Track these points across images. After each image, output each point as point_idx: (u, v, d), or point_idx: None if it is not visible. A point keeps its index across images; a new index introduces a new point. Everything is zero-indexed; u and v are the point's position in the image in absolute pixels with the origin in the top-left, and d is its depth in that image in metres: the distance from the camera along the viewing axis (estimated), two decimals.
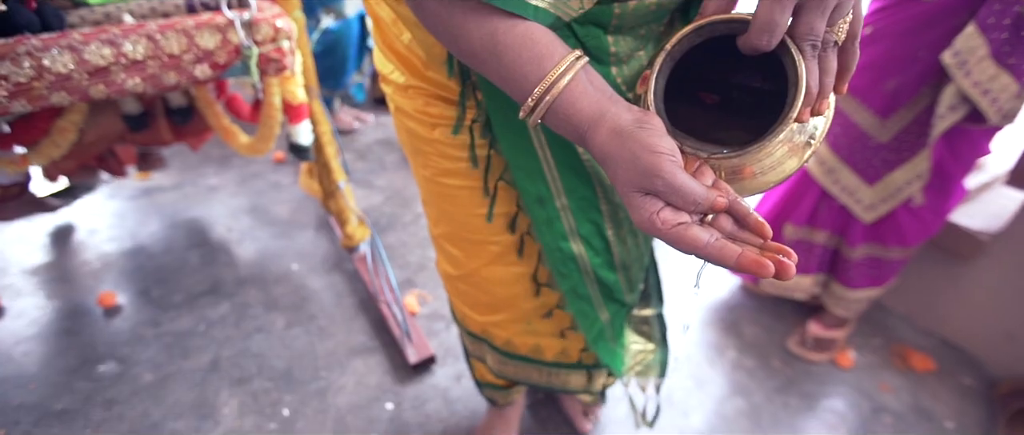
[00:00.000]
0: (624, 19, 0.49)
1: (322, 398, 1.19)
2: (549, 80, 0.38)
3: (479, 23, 0.40)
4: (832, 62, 0.38)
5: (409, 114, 0.63)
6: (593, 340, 0.78)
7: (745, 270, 0.34)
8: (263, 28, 1.09)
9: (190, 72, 1.05)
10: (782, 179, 0.41)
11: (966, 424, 1.17)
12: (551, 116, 0.40)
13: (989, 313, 1.28)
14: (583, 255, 0.69)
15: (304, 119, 1.33)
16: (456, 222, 0.71)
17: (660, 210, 0.36)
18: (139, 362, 1.27)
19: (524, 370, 0.87)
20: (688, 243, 0.35)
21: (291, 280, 1.53)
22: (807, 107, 0.37)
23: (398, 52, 0.60)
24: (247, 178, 2.04)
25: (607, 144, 0.37)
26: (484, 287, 0.77)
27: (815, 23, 0.35)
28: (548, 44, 0.39)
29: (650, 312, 0.90)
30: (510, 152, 0.61)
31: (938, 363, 1.31)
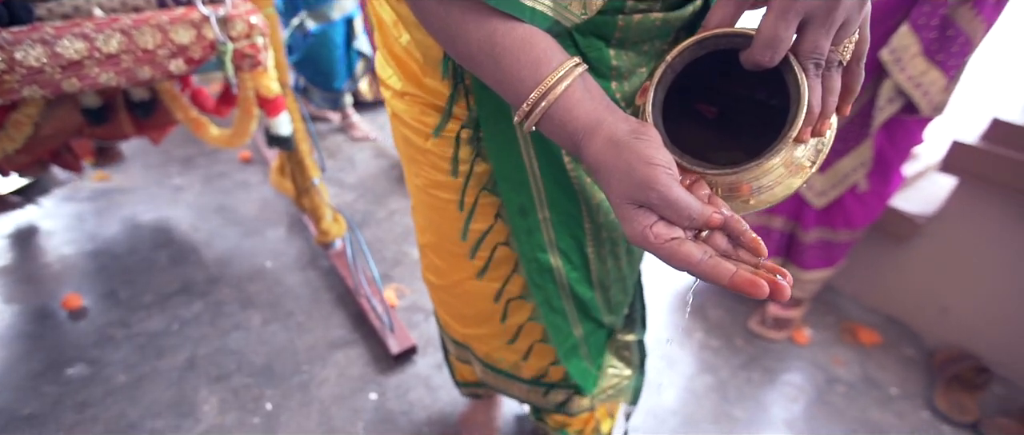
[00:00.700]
0: (628, 33, 0.48)
1: (305, 391, 1.20)
2: (546, 85, 0.38)
3: (478, 24, 0.39)
4: (836, 82, 0.37)
5: (405, 122, 0.63)
6: (564, 355, 0.77)
7: (738, 289, 0.33)
8: (238, 24, 1.09)
9: (165, 67, 1.04)
10: (780, 199, 0.40)
11: (909, 390, 1.28)
12: (546, 122, 0.40)
13: (926, 290, 1.40)
14: (560, 268, 0.68)
15: (282, 111, 1.33)
16: (441, 234, 0.72)
17: (653, 224, 0.35)
18: (110, 363, 1.25)
19: (504, 382, 0.88)
20: (681, 259, 0.34)
21: (265, 278, 1.53)
22: (808, 127, 0.36)
23: (397, 55, 0.60)
24: (213, 177, 2.00)
25: (602, 153, 0.37)
26: (465, 300, 0.78)
27: (820, 41, 0.34)
28: (546, 49, 0.39)
29: (632, 337, 0.89)
30: (496, 160, 0.60)
31: (883, 337, 1.42)
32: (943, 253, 1.35)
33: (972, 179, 1.24)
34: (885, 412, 1.23)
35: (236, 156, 2.13)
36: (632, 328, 0.88)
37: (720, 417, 1.20)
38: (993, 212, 1.24)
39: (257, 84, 1.25)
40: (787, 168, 0.39)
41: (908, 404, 1.25)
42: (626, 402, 0.93)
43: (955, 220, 1.32)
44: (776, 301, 0.33)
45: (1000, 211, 1.22)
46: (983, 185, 1.23)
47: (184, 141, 2.21)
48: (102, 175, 1.97)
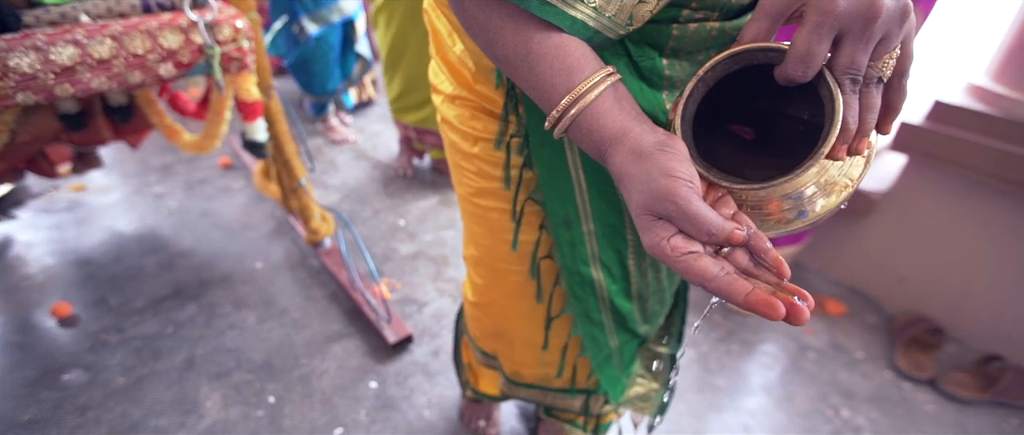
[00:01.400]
0: (682, 42, 0.47)
1: (306, 383, 1.23)
2: (576, 93, 0.38)
3: (515, 29, 0.40)
4: (875, 99, 0.35)
5: (453, 126, 0.63)
6: (598, 365, 0.78)
7: (753, 309, 0.32)
8: (224, 29, 1.12)
9: (155, 71, 1.06)
10: (816, 218, 0.39)
11: (872, 353, 1.39)
12: (574, 130, 0.40)
13: (884, 261, 1.51)
14: (601, 281, 0.68)
15: (259, 117, 1.36)
16: (483, 246, 0.71)
17: (672, 236, 0.35)
18: (107, 367, 1.26)
19: (529, 393, 0.90)
20: (696, 274, 0.34)
21: (257, 279, 1.55)
22: (843, 144, 0.35)
23: (450, 63, 0.60)
24: (194, 184, 2.00)
25: (625, 163, 0.37)
26: (500, 319, 0.78)
27: (857, 56, 0.33)
28: (580, 57, 0.39)
29: (664, 350, 0.88)
30: (544, 170, 0.60)
31: (848, 307, 1.52)
32: (898, 226, 1.46)
33: (920, 157, 1.35)
34: (852, 374, 1.33)
35: (216, 162, 2.13)
36: (667, 341, 0.88)
37: (703, 386, 1.27)
38: (940, 187, 1.34)
39: (238, 88, 1.28)
40: (821, 187, 0.37)
41: (872, 366, 1.35)
42: (650, 414, 0.92)
43: (907, 195, 1.42)
44: (791, 322, 0.32)
45: (946, 186, 1.33)
46: (930, 162, 1.34)
47: (161, 149, 2.20)
48: (78, 186, 1.95)
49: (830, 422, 1.21)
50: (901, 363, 1.34)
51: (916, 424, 1.21)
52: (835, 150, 0.35)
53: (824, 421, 1.21)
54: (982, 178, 1.24)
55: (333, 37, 2.03)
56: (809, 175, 0.36)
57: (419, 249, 1.70)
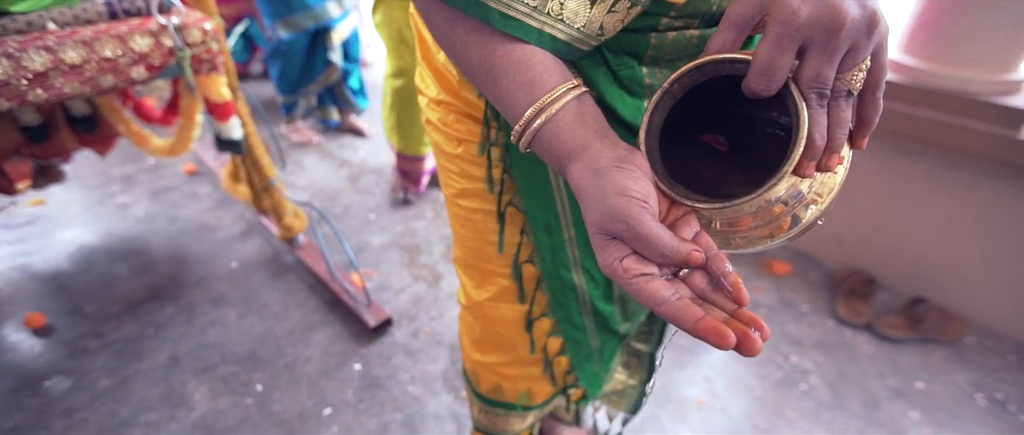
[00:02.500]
0: (662, 50, 0.46)
1: (292, 371, 1.28)
2: (538, 107, 0.38)
3: (479, 43, 0.39)
4: (844, 113, 0.34)
5: (438, 128, 0.63)
6: (578, 363, 0.78)
7: (702, 337, 0.31)
8: (193, 31, 1.15)
9: (127, 74, 1.09)
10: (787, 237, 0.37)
11: (816, 306, 1.52)
12: (537, 144, 0.40)
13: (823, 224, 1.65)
14: (583, 287, 0.68)
15: (232, 116, 1.39)
16: (468, 248, 0.71)
17: (625, 257, 0.34)
18: (90, 371, 1.27)
19: (503, 420, 0.86)
20: (647, 297, 0.32)
21: (233, 278, 1.57)
22: (810, 161, 0.34)
23: (435, 69, 0.60)
24: (159, 192, 2.00)
25: (582, 180, 0.36)
26: (485, 324, 0.76)
27: (822, 69, 0.31)
28: (543, 71, 0.38)
29: (645, 347, 0.88)
30: (523, 178, 0.60)
31: (793, 267, 1.66)
32: None
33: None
34: (799, 325, 1.46)
35: (180, 170, 2.13)
36: (647, 338, 0.87)
37: (668, 346, 1.38)
38: (867, 153, 1.49)
39: (208, 90, 1.31)
40: (791, 205, 0.36)
41: (816, 317, 1.49)
42: (626, 410, 0.93)
43: None
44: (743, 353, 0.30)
45: (875, 152, 1.47)
46: None
47: (122, 159, 2.18)
48: (37, 200, 1.92)
49: (781, 368, 1.33)
50: (841, 312, 1.48)
51: (856, 364, 1.35)
52: (802, 167, 0.34)
53: (776, 368, 1.33)
54: (902, 142, 1.39)
55: (302, 42, 2.03)
56: (777, 192, 0.34)
57: (391, 239, 1.75)
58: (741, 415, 1.21)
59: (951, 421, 1.21)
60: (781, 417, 1.21)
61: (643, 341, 0.88)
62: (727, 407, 1.23)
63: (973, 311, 1.44)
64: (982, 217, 1.36)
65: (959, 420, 1.21)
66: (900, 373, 1.32)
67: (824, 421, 1.20)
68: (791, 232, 0.37)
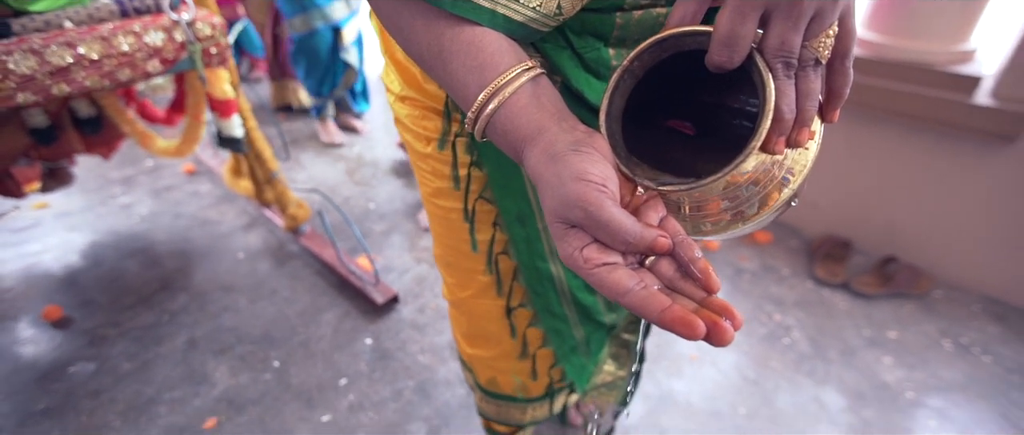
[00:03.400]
0: (627, 30, 0.43)
1: (306, 347, 1.35)
2: (490, 91, 0.35)
3: (427, 26, 0.37)
4: (813, 84, 0.32)
5: (406, 126, 0.62)
6: (564, 355, 0.76)
7: (669, 328, 0.29)
8: (203, 26, 1.22)
9: (143, 67, 1.15)
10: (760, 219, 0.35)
11: (796, 270, 1.62)
12: (491, 131, 0.37)
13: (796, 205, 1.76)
14: (561, 276, 0.67)
15: (233, 113, 1.45)
16: (447, 246, 0.70)
17: (585, 246, 0.32)
18: (111, 357, 1.32)
19: (506, 410, 0.86)
20: (610, 288, 0.30)
21: (241, 267, 1.63)
22: (780, 136, 0.32)
23: (398, 62, 0.58)
24: (161, 191, 2.04)
25: (537, 166, 0.34)
26: (471, 317, 0.76)
27: (787, 36, 0.30)
28: (494, 52, 0.36)
29: (633, 338, 0.86)
30: (493, 168, 0.58)
31: (774, 235, 1.76)
32: None
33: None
34: (781, 287, 1.56)
35: (180, 170, 2.17)
36: (635, 329, 0.85)
37: None
38: (844, 122, 1.59)
39: (211, 86, 1.37)
40: (761, 184, 0.34)
41: (796, 279, 1.59)
42: (616, 402, 0.91)
43: None
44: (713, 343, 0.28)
45: (845, 123, 1.58)
46: None
47: (120, 163, 2.22)
48: (40, 204, 1.96)
49: (765, 325, 1.43)
50: (819, 273, 1.58)
51: (834, 319, 1.45)
52: (771, 142, 0.32)
53: (761, 325, 1.43)
54: (869, 112, 1.50)
55: (316, 42, 2.06)
56: (745, 170, 0.33)
57: (392, 225, 1.82)
58: (730, 368, 1.30)
59: (921, 364, 1.31)
60: (767, 368, 1.30)
61: (632, 331, 0.85)
62: (717, 361, 1.32)
63: (940, 267, 1.55)
64: (944, 179, 1.47)
65: (928, 363, 1.32)
66: (874, 325, 1.43)
67: (805, 369, 1.30)
68: (763, 214, 0.35)
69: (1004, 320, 1.43)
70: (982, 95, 1.33)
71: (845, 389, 1.25)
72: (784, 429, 1.17)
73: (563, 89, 0.46)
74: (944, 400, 1.23)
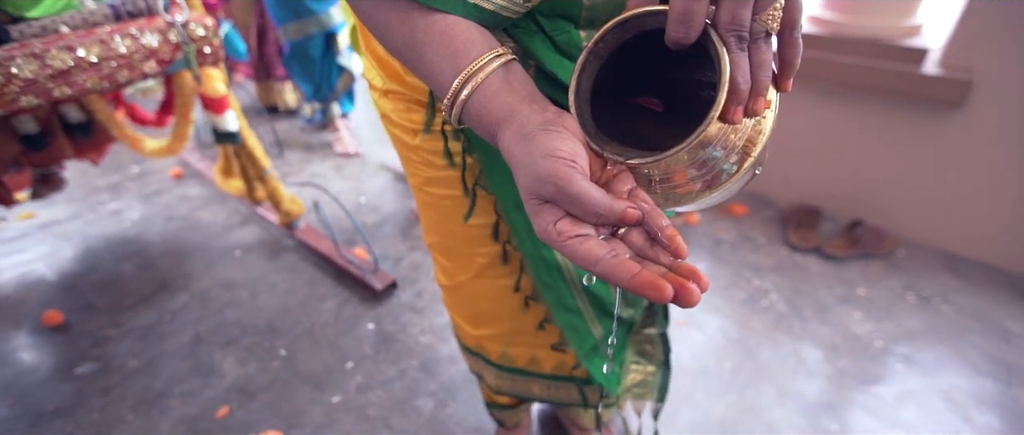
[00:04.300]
0: (596, 11, 0.46)
1: (311, 334, 1.39)
2: (464, 77, 0.37)
3: (400, 18, 0.39)
4: (765, 55, 0.34)
5: (394, 121, 0.62)
6: (585, 355, 0.74)
7: (639, 291, 0.30)
8: (197, 28, 1.25)
9: (140, 68, 1.19)
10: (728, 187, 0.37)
11: (771, 238, 1.72)
12: (467, 117, 0.39)
13: (771, 167, 1.86)
14: (568, 264, 0.65)
15: (227, 109, 1.48)
16: (443, 232, 0.70)
17: (558, 220, 0.33)
18: (116, 356, 1.35)
19: (523, 383, 0.85)
20: (582, 257, 0.32)
21: (240, 265, 1.66)
22: (737, 106, 0.33)
23: (379, 56, 0.59)
24: (150, 196, 2.05)
25: (511, 147, 0.35)
26: (473, 300, 0.76)
27: (737, 11, 0.32)
28: (466, 40, 0.38)
29: (654, 331, 0.86)
30: (484, 155, 0.58)
31: (749, 207, 1.86)
32: (776, 136, 1.81)
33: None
34: (758, 254, 1.66)
35: (167, 175, 2.18)
36: (653, 321, 0.85)
37: None
38: (802, 99, 1.70)
39: (204, 86, 1.40)
40: (725, 153, 0.35)
41: (772, 246, 1.69)
42: (653, 400, 0.90)
43: (782, 108, 1.77)
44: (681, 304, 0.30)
45: (808, 98, 1.68)
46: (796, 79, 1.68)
47: (106, 170, 2.21)
48: (27, 214, 1.95)
49: (745, 290, 1.52)
50: (792, 240, 1.68)
51: (807, 281, 1.55)
52: (729, 112, 0.33)
53: (740, 291, 1.52)
54: (828, 87, 1.60)
55: (311, 48, 2.06)
56: (708, 140, 0.34)
57: (384, 217, 1.87)
58: (715, 330, 1.39)
59: (887, 316, 1.42)
60: (749, 328, 1.40)
61: (650, 324, 0.85)
62: (702, 325, 1.41)
63: (902, 227, 1.67)
64: (901, 145, 1.58)
65: (894, 315, 1.42)
66: (844, 284, 1.53)
67: (784, 327, 1.40)
68: (730, 182, 0.37)
69: (960, 272, 1.55)
70: (930, 65, 1.44)
71: (821, 343, 1.35)
72: (767, 381, 1.26)
73: (537, 72, 0.47)
74: (909, 347, 1.33)
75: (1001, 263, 1.56)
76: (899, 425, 1.16)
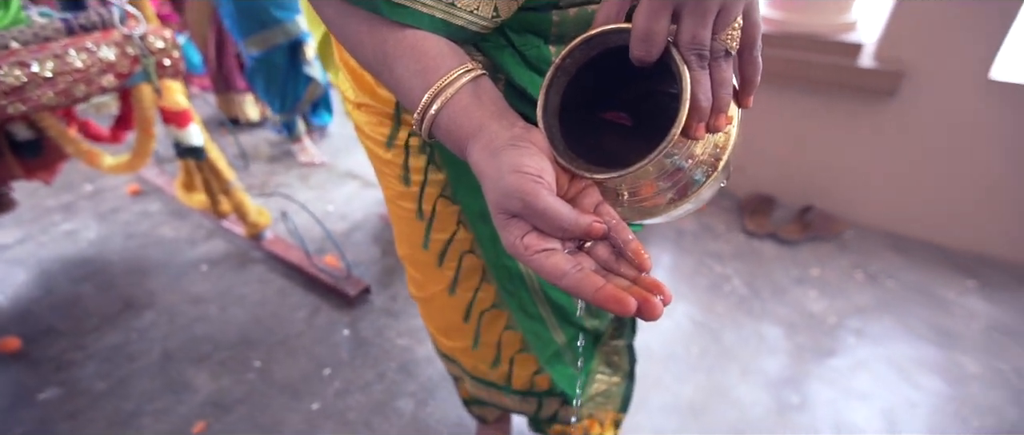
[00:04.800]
0: (565, 27, 0.46)
1: (285, 344, 1.38)
2: (433, 92, 0.38)
3: (371, 33, 0.39)
4: (726, 73, 0.35)
5: (366, 133, 0.63)
6: (546, 361, 0.75)
7: (603, 305, 0.31)
8: (155, 40, 1.24)
9: (98, 83, 1.17)
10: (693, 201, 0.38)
11: (730, 226, 1.81)
12: (437, 131, 0.39)
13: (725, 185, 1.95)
14: (531, 273, 0.66)
15: (190, 122, 1.46)
16: (412, 245, 0.70)
17: (526, 234, 0.34)
18: (82, 379, 1.31)
19: (496, 395, 0.86)
20: (548, 272, 0.33)
21: (207, 279, 1.64)
22: (699, 122, 0.34)
23: (352, 68, 0.59)
24: (107, 214, 1.99)
25: (480, 162, 0.36)
26: (442, 313, 0.77)
27: (697, 31, 0.32)
28: (436, 56, 0.38)
29: (622, 342, 0.87)
30: (451, 166, 0.58)
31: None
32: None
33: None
34: (718, 242, 1.73)
35: (123, 192, 2.12)
36: (621, 332, 0.86)
37: None
38: (759, 92, 1.78)
39: (165, 99, 1.38)
40: (691, 166, 0.37)
41: (731, 234, 1.77)
42: (615, 409, 0.91)
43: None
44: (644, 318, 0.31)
45: (763, 91, 1.77)
46: None
47: (57, 190, 2.13)
48: None
49: (707, 277, 1.59)
50: (749, 227, 1.77)
51: (764, 265, 1.63)
52: (691, 128, 0.34)
53: (704, 278, 1.59)
54: (776, 82, 1.69)
55: (276, 58, 1.96)
56: (671, 155, 0.35)
57: (354, 224, 1.87)
58: (681, 316, 1.45)
59: (839, 293, 1.51)
60: (713, 312, 1.46)
61: (618, 336, 0.86)
62: (669, 312, 1.46)
63: (849, 211, 1.78)
64: (843, 133, 1.69)
65: (845, 292, 1.52)
66: (799, 266, 1.62)
67: (745, 309, 1.47)
68: (697, 195, 0.38)
69: (903, 250, 1.67)
70: (865, 59, 1.55)
71: (780, 322, 1.43)
72: (732, 361, 1.32)
73: (507, 87, 0.47)
74: (860, 320, 1.43)
75: (939, 240, 1.68)
76: (854, 393, 1.24)
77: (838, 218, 1.75)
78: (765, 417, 1.19)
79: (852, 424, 1.17)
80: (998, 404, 1.21)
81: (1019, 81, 1.41)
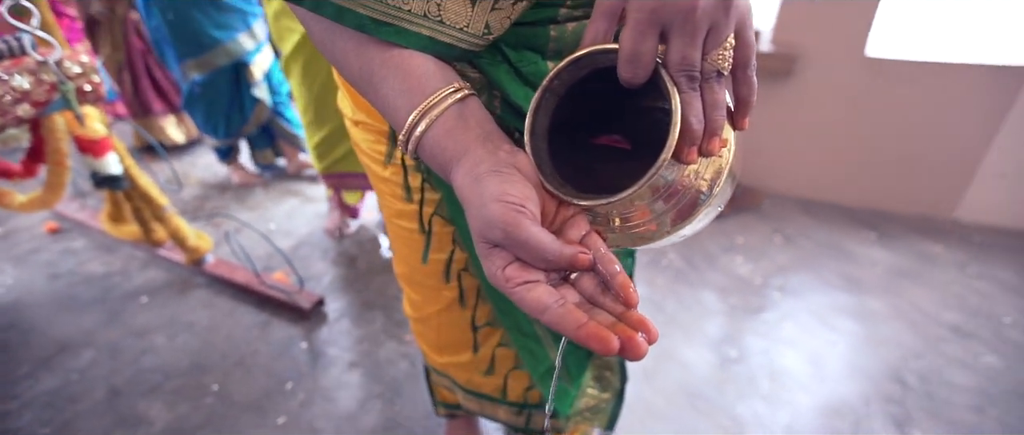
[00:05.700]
0: (563, 42, 0.44)
1: (242, 365, 1.36)
2: (419, 113, 0.37)
3: (357, 51, 0.38)
4: (718, 95, 0.33)
5: (364, 151, 0.62)
6: (539, 378, 0.74)
7: (585, 343, 0.30)
8: (73, 65, 1.19)
9: (13, 113, 1.12)
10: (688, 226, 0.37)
11: None
12: (422, 152, 0.38)
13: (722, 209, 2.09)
14: None
15: (108, 151, 1.40)
16: (410, 265, 0.70)
17: (508, 265, 0.33)
18: (21, 428, 1.24)
19: (491, 407, 0.86)
20: (529, 305, 0.32)
21: (148, 310, 1.57)
22: (691, 146, 0.33)
23: (348, 86, 0.59)
24: (24, 256, 1.86)
25: (463, 187, 0.35)
26: (440, 331, 0.77)
27: (686, 51, 0.31)
28: (422, 76, 0.37)
29: (614, 358, 0.87)
30: (444, 185, 0.58)
31: None
32: None
33: None
34: None
35: (40, 231, 1.99)
36: None
37: None
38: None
39: (81, 128, 1.33)
40: (681, 192, 0.35)
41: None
42: (601, 427, 0.91)
43: None
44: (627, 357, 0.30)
45: None
46: None
47: None
48: None
49: (646, 254, 1.70)
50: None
51: (697, 238, 1.77)
52: (683, 152, 0.33)
53: (643, 254, 1.70)
54: None
55: (219, 82, 1.85)
56: (663, 180, 0.34)
57: (299, 239, 1.86)
58: None
59: (763, 257, 1.67)
60: (654, 285, 1.58)
61: None
62: None
63: (766, 183, 1.95)
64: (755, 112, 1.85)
65: (767, 254, 1.68)
66: (726, 235, 1.77)
67: (682, 280, 1.59)
68: (690, 222, 0.36)
69: (813, 212, 1.86)
70: (764, 43, 1.72)
71: (714, 287, 1.56)
72: (676, 328, 1.43)
73: (503, 104, 0.45)
74: (782, 278, 1.58)
75: (843, 201, 1.89)
76: (782, 341, 1.38)
77: (757, 190, 1.92)
78: (710, 373, 1.30)
79: (784, 368, 1.31)
80: (900, 335, 1.38)
81: (888, 56, 1.62)
